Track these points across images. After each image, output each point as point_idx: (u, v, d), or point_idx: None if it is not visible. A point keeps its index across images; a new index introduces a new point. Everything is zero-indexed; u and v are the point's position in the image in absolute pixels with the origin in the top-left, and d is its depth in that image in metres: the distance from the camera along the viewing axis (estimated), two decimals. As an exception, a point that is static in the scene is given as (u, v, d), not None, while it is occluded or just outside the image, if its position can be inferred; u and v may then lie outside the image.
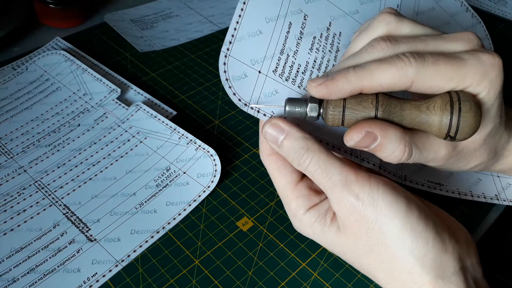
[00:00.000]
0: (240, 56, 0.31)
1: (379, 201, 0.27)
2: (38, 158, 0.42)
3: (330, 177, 0.28)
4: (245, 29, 0.31)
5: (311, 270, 0.35)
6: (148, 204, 0.38)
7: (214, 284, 0.34)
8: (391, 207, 0.27)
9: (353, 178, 0.28)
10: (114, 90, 0.48)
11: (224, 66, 0.30)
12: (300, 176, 0.31)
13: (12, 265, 0.34)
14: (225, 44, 0.30)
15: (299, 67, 0.32)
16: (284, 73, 0.32)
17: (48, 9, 0.57)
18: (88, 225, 0.37)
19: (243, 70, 0.31)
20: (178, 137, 0.42)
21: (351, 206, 0.27)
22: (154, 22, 0.61)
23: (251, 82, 0.31)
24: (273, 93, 0.31)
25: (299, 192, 0.30)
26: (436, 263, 0.27)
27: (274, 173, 0.31)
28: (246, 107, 0.31)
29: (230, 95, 0.30)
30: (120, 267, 0.34)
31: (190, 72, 0.53)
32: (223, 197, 0.39)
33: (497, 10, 0.62)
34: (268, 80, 0.31)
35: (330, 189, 0.28)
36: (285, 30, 0.32)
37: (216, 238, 0.37)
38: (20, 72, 0.51)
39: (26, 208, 0.38)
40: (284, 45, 0.32)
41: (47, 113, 0.47)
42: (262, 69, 0.31)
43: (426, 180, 0.38)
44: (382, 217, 0.27)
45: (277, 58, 0.32)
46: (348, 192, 0.27)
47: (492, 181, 0.39)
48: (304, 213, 0.30)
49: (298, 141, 0.29)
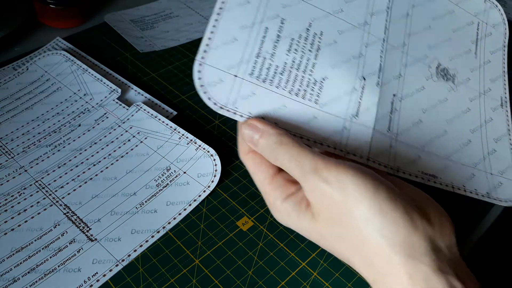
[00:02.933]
0: (215, 63, 0.32)
1: (347, 184, 0.28)
2: (38, 158, 0.42)
3: (302, 166, 0.29)
4: (219, 38, 0.32)
5: (311, 270, 0.35)
6: (148, 204, 0.38)
7: (214, 283, 0.34)
8: (359, 189, 0.27)
9: (323, 165, 0.28)
10: (114, 90, 0.48)
11: (198, 74, 0.31)
12: (276, 170, 0.32)
13: (13, 265, 0.35)
14: (199, 53, 0.31)
15: (276, 69, 0.33)
16: (261, 75, 0.33)
17: (48, 9, 0.58)
18: (89, 224, 0.37)
19: (219, 76, 0.32)
20: (178, 137, 0.43)
21: (321, 191, 0.28)
22: (154, 22, 0.61)
23: (227, 86, 0.32)
24: (250, 94, 0.32)
25: (276, 184, 0.31)
26: (405, 243, 0.27)
27: (252, 170, 0.32)
28: (222, 110, 0.31)
29: (205, 100, 0.31)
30: (120, 266, 0.35)
31: (190, 72, 0.53)
32: (223, 197, 0.40)
33: (496, 10, 0.62)
34: (245, 83, 0.32)
35: (303, 177, 0.29)
36: (261, 35, 0.33)
37: (216, 238, 0.37)
38: (21, 72, 0.51)
39: (26, 208, 0.38)
40: (261, 48, 0.33)
41: (47, 113, 0.47)
42: (238, 73, 0.32)
43: (420, 172, 0.37)
44: (350, 200, 0.27)
45: (253, 61, 0.33)
46: (318, 178, 0.28)
47: (485, 178, 0.39)
48: (282, 203, 0.31)
49: (272, 137, 0.30)
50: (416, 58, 0.41)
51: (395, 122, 0.38)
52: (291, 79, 0.34)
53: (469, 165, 0.40)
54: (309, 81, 0.34)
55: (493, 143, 0.42)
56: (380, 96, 0.37)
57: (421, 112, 0.39)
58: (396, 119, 0.38)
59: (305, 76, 0.34)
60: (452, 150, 0.40)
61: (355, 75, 0.36)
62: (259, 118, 0.31)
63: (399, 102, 0.38)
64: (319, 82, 0.35)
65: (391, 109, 0.37)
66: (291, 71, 0.34)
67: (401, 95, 0.38)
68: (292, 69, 0.34)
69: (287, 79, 0.33)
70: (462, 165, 0.39)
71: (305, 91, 0.34)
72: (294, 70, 0.34)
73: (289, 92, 0.33)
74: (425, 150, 0.38)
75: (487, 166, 0.40)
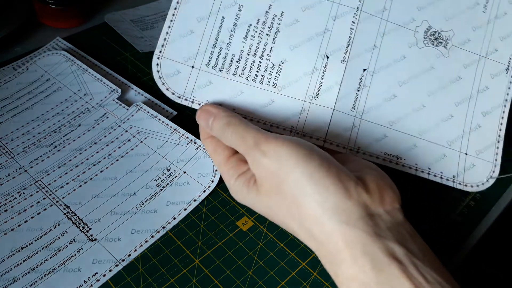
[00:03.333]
0: (173, 56, 0.33)
1: (281, 153, 0.29)
2: (38, 158, 0.42)
3: (246, 142, 0.31)
4: (176, 31, 0.33)
5: (311, 270, 0.35)
6: (148, 204, 0.38)
7: (214, 283, 0.34)
8: (291, 158, 0.29)
9: (263, 139, 0.30)
10: (114, 90, 0.48)
11: (157, 67, 0.33)
12: (231, 152, 0.34)
13: (13, 265, 0.35)
14: (158, 48, 0.33)
15: (233, 57, 0.34)
16: (218, 65, 0.34)
17: (48, 9, 0.57)
18: (89, 224, 0.37)
19: (176, 68, 0.33)
20: (178, 137, 0.43)
21: (261, 164, 0.30)
22: (154, 22, 0.61)
23: (184, 77, 0.33)
24: (207, 84, 0.34)
25: (230, 164, 0.33)
26: (338, 208, 0.27)
27: (211, 153, 0.35)
28: (180, 99, 0.33)
29: (164, 90, 0.33)
30: (120, 266, 0.35)
31: (190, 72, 0.53)
32: (223, 197, 0.40)
33: (497, 10, 0.62)
34: (201, 73, 0.34)
35: (247, 152, 0.31)
36: (217, 25, 0.34)
37: (216, 238, 0.37)
38: (21, 72, 0.51)
39: (26, 208, 0.38)
40: (217, 39, 0.34)
41: (47, 113, 0.47)
42: (195, 64, 0.34)
43: (382, 153, 0.36)
44: (285, 168, 0.29)
45: (210, 52, 0.34)
46: (257, 151, 0.30)
47: (457, 159, 0.37)
48: (234, 181, 0.33)
49: (223, 119, 0.32)
50: (399, 23, 0.38)
51: (362, 100, 0.36)
52: (247, 65, 0.34)
53: (442, 144, 0.37)
54: (266, 66, 0.35)
55: (479, 118, 0.39)
56: (345, 74, 0.36)
57: (396, 86, 0.37)
58: (364, 96, 0.36)
59: (262, 61, 0.35)
60: (427, 127, 0.37)
61: (317, 54, 0.35)
62: (214, 104, 0.34)
63: (370, 77, 0.36)
64: (277, 66, 0.35)
65: (359, 86, 0.36)
66: (247, 58, 0.35)
67: (374, 68, 0.36)
68: (249, 55, 0.35)
69: (243, 66, 0.34)
70: (433, 144, 0.37)
71: (262, 76, 0.35)
72: (251, 56, 0.35)
73: (246, 79, 0.34)
74: (393, 128, 0.37)
75: (464, 144, 0.38)
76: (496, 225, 0.39)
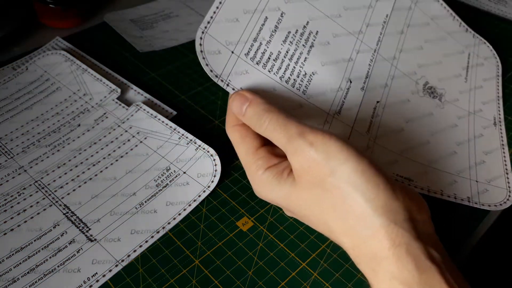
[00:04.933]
0: (216, 35, 0.33)
1: (331, 146, 0.28)
2: (38, 158, 0.42)
3: (288, 130, 0.30)
4: (223, 15, 0.34)
5: (311, 270, 0.35)
6: (148, 204, 0.38)
7: (214, 284, 0.34)
8: (342, 152, 0.28)
9: (308, 130, 0.29)
10: (114, 90, 0.48)
11: (200, 40, 0.33)
12: (261, 143, 0.33)
13: (12, 265, 0.34)
14: (203, 23, 0.33)
15: (270, 55, 0.35)
16: (256, 58, 0.34)
17: (48, 9, 0.57)
18: (88, 225, 0.37)
19: (218, 48, 0.33)
20: (178, 137, 0.42)
21: (305, 153, 0.29)
22: (154, 22, 0.61)
23: (224, 59, 0.33)
24: (244, 72, 0.34)
25: (259, 155, 0.32)
26: (387, 206, 0.27)
27: (237, 141, 0.33)
28: (216, 79, 0.33)
29: (203, 65, 0.33)
30: (120, 267, 0.35)
31: (190, 72, 0.53)
32: (223, 197, 0.39)
33: (497, 10, 0.62)
34: (240, 61, 0.34)
35: (288, 140, 0.30)
36: (260, 23, 0.35)
37: (216, 238, 0.37)
38: (20, 72, 0.51)
39: (26, 208, 0.38)
40: (258, 34, 0.35)
41: (47, 113, 0.47)
42: (235, 50, 0.34)
43: (394, 174, 0.38)
44: (334, 161, 0.28)
45: (250, 44, 0.34)
46: (303, 140, 0.29)
47: (468, 185, 0.39)
48: (263, 172, 0.31)
49: (260, 106, 0.31)
50: (404, 72, 0.43)
51: (375, 126, 0.39)
52: (283, 66, 0.35)
53: (451, 172, 0.40)
54: (299, 72, 0.36)
55: (482, 155, 0.42)
56: (363, 100, 0.38)
57: (404, 122, 0.41)
58: (377, 123, 0.39)
59: (296, 67, 0.36)
60: (434, 158, 0.40)
61: (342, 76, 0.38)
62: (249, 90, 0.33)
63: (382, 109, 0.40)
64: (308, 75, 0.36)
65: (373, 113, 0.39)
66: (283, 60, 0.35)
67: (385, 103, 0.40)
68: (285, 58, 0.35)
69: (279, 66, 0.35)
70: (443, 172, 0.40)
71: (294, 80, 0.35)
72: (287, 59, 0.36)
73: (280, 78, 0.35)
74: (403, 155, 0.39)
75: (473, 174, 0.40)
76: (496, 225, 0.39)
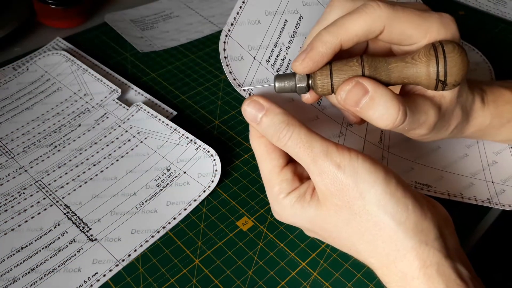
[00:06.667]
0: (239, 39, 0.33)
1: (359, 169, 0.27)
2: (38, 158, 0.42)
3: (312, 149, 0.28)
4: (246, 15, 0.33)
5: (311, 270, 0.35)
6: (148, 204, 0.39)
7: (214, 283, 0.34)
8: (370, 174, 0.27)
9: (334, 148, 0.28)
10: (114, 91, 0.48)
11: (224, 45, 0.32)
12: (286, 161, 0.31)
13: (13, 265, 0.35)
14: (227, 25, 0.32)
15: (289, 62, 0.34)
16: (276, 65, 0.34)
17: (48, 9, 0.58)
18: (89, 224, 0.37)
19: (240, 53, 0.32)
20: (178, 137, 0.43)
21: (332, 175, 0.28)
22: (154, 22, 0.61)
23: (246, 65, 0.32)
24: (264, 80, 0.33)
25: (284, 176, 0.30)
26: (418, 228, 0.27)
27: (262, 155, 0.31)
28: (239, 88, 0.32)
29: (227, 73, 0.32)
30: (120, 266, 0.35)
31: (190, 72, 0.53)
32: (223, 197, 0.40)
33: (496, 10, 0.62)
34: (261, 68, 0.33)
35: (313, 160, 0.28)
36: (281, 26, 0.34)
37: (216, 238, 0.37)
38: (21, 72, 0.51)
39: (26, 208, 0.38)
40: (278, 39, 0.34)
41: (47, 113, 0.47)
42: (257, 56, 0.33)
43: (413, 181, 0.38)
44: (363, 184, 0.27)
45: (271, 49, 0.34)
46: (330, 161, 0.28)
47: (486, 186, 0.39)
48: (285, 196, 0.30)
49: (278, 116, 0.29)
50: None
51: (386, 136, 0.39)
52: None
53: (466, 175, 0.40)
54: None
55: (493, 156, 0.42)
56: None
57: None
58: (388, 133, 0.39)
59: None
60: (447, 162, 0.40)
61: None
62: (263, 96, 0.30)
63: None
64: None
65: None
66: None
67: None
68: None
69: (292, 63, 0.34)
70: (459, 175, 0.40)
71: None
72: None
73: None
74: (417, 162, 0.39)
75: (487, 175, 0.40)
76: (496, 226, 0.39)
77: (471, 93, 0.34)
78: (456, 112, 0.33)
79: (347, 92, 0.28)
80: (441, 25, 0.29)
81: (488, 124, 0.36)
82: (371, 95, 0.28)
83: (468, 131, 0.36)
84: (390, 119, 0.29)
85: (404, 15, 0.29)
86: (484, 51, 0.53)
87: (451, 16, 0.30)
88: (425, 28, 0.29)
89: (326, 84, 0.29)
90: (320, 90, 0.30)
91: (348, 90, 0.28)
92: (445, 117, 0.33)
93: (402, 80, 0.29)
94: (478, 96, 0.35)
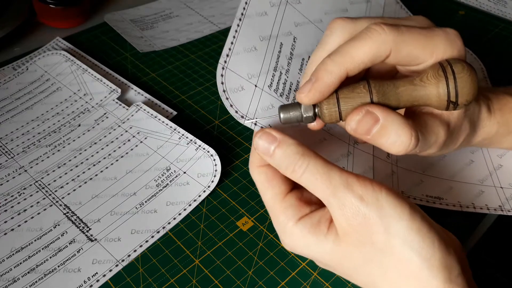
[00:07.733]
0: (237, 69, 0.31)
1: (383, 202, 0.26)
2: (38, 158, 0.42)
3: (331, 180, 0.26)
4: (241, 44, 0.32)
5: (311, 270, 0.35)
6: (148, 204, 0.38)
7: (214, 283, 0.34)
8: (396, 208, 0.26)
9: (355, 180, 0.26)
10: (114, 90, 0.48)
11: (221, 78, 0.31)
12: (289, 187, 0.29)
13: (13, 265, 0.34)
14: (222, 57, 0.31)
15: (291, 85, 0.33)
16: (279, 89, 0.33)
17: (48, 9, 0.57)
18: (89, 224, 0.37)
19: (240, 83, 0.31)
20: (178, 137, 0.43)
21: (355, 208, 0.26)
22: (154, 22, 0.61)
23: (248, 95, 0.31)
24: (269, 107, 0.32)
25: (287, 202, 0.29)
26: (442, 265, 0.26)
27: (263, 184, 0.29)
28: (242, 120, 0.31)
29: (227, 106, 0.30)
30: (120, 266, 0.35)
31: (190, 72, 0.53)
32: (223, 197, 0.40)
33: (496, 10, 0.62)
34: (264, 95, 0.32)
35: (332, 192, 0.26)
36: (277, 49, 0.34)
37: (216, 238, 0.37)
38: (21, 72, 0.51)
39: (26, 208, 0.38)
40: (277, 62, 0.33)
41: (47, 113, 0.47)
42: (258, 83, 0.32)
43: (424, 195, 0.38)
44: (387, 219, 0.26)
45: (271, 74, 0.33)
46: (351, 194, 0.26)
47: (495, 193, 0.39)
48: (294, 224, 0.28)
49: (291, 148, 0.28)
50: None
51: None
52: None
53: (475, 182, 0.39)
54: None
55: (497, 159, 0.42)
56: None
57: None
58: None
59: None
60: (454, 171, 0.40)
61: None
62: (276, 129, 0.29)
63: None
64: None
65: None
66: None
67: None
68: None
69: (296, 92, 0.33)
70: (467, 184, 0.39)
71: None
72: None
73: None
74: (426, 173, 0.39)
75: (495, 180, 0.40)
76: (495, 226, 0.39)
77: (477, 103, 0.34)
78: (464, 126, 0.32)
79: (357, 122, 0.28)
80: (447, 43, 0.28)
81: (495, 133, 0.36)
82: (382, 123, 0.27)
83: (475, 141, 0.36)
84: (402, 146, 0.28)
85: (410, 37, 0.28)
86: (484, 51, 0.53)
87: (455, 31, 0.29)
88: (431, 47, 0.28)
89: (334, 113, 0.28)
90: (328, 119, 0.29)
91: (358, 120, 0.28)
92: (454, 134, 0.32)
93: (412, 103, 0.28)
94: (484, 105, 0.35)
